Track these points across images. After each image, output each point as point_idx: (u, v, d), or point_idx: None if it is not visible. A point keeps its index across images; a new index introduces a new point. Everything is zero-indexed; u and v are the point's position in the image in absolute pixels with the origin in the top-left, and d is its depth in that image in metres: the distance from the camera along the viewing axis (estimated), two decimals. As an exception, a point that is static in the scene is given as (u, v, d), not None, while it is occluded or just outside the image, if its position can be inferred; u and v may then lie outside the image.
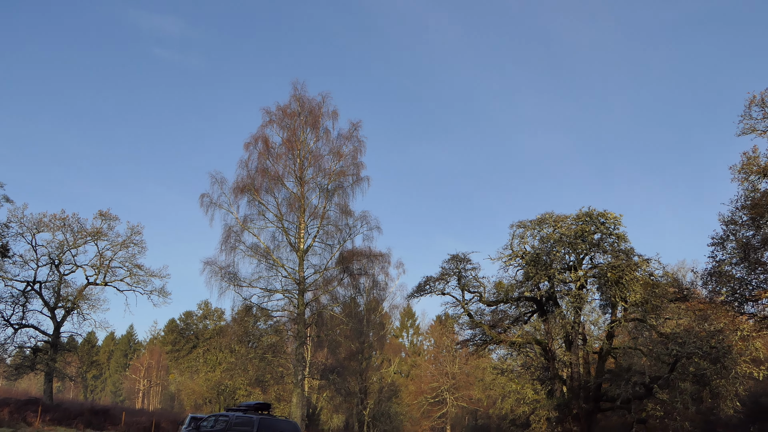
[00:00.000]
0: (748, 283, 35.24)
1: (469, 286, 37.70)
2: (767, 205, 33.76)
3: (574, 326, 35.60)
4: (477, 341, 39.50)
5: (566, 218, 36.01)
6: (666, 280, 36.28)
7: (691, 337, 31.24)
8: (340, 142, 49.63)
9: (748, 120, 37.01)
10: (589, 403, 35.27)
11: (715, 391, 32.81)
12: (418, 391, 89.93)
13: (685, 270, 65.38)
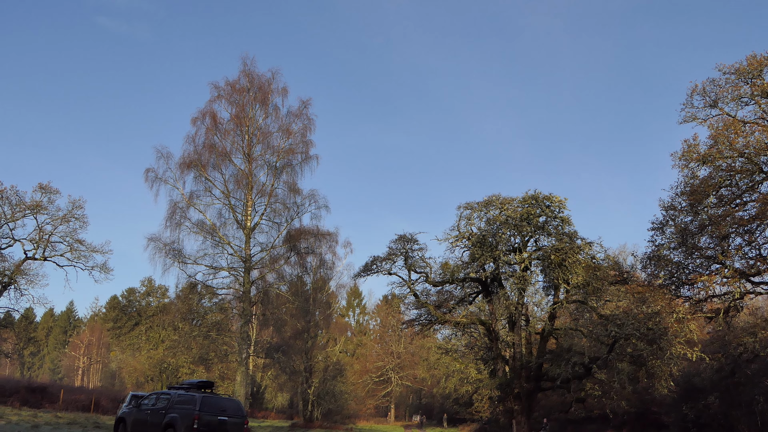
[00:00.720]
0: (685, 267, 36.24)
1: (416, 266, 37.91)
2: (705, 192, 34.70)
3: (518, 307, 36.18)
4: (422, 321, 39.79)
5: (512, 201, 36.44)
6: (607, 263, 37.13)
7: (629, 319, 32.03)
8: (290, 119, 49.12)
9: (689, 109, 37.89)
10: (530, 383, 35.98)
11: (651, 372, 33.80)
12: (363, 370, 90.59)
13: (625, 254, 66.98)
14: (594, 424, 59.01)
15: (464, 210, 37.38)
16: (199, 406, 23.10)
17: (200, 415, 22.87)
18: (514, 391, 35.81)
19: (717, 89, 36.85)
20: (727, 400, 36.18)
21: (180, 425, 22.94)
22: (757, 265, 33.08)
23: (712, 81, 36.99)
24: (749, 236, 34.12)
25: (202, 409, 23.11)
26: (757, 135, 33.84)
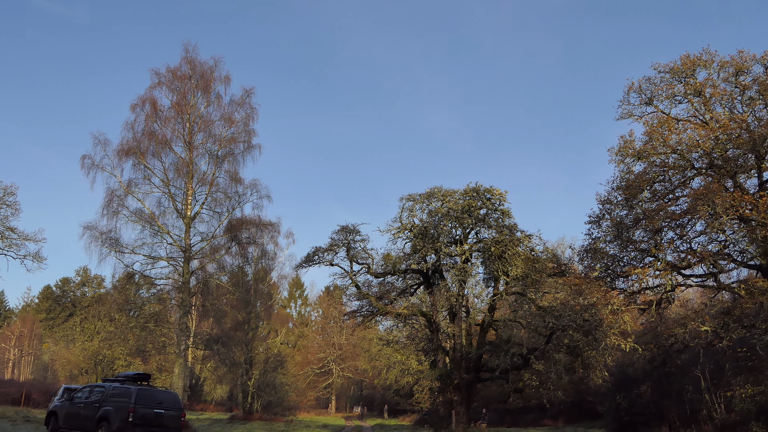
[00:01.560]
0: (620, 260, 37.16)
1: (358, 257, 37.93)
2: (640, 187, 35.63)
3: (459, 299, 36.55)
4: (364, 312, 39.85)
5: (454, 193, 36.74)
6: (546, 255, 37.80)
7: (566, 311, 32.68)
8: (232, 108, 48.53)
9: (626, 106, 38.87)
10: (469, 374, 36.42)
11: (587, 362, 34.59)
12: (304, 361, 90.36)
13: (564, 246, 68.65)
14: (531, 413, 60.20)
15: (407, 202, 37.56)
16: (134, 399, 22.71)
17: (135, 408, 22.49)
18: (454, 382, 36.18)
19: (652, 87, 37.89)
20: (659, 389, 37.29)
21: (114, 418, 22.50)
22: (687, 259, 34.13)
23: (648, 79, 38.01)
24: (681, 230, 35.19)
25: (137, 402, 22.73)
26: (690, 132, 34.90)
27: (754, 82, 35.77)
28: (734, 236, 33.88)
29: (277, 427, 50.80)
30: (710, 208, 31.23)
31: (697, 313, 33.93)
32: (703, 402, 35.40)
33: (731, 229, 33.64)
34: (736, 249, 34.44)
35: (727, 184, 33.78)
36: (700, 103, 36.89)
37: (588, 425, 52.27)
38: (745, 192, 32.83)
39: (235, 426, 47.97)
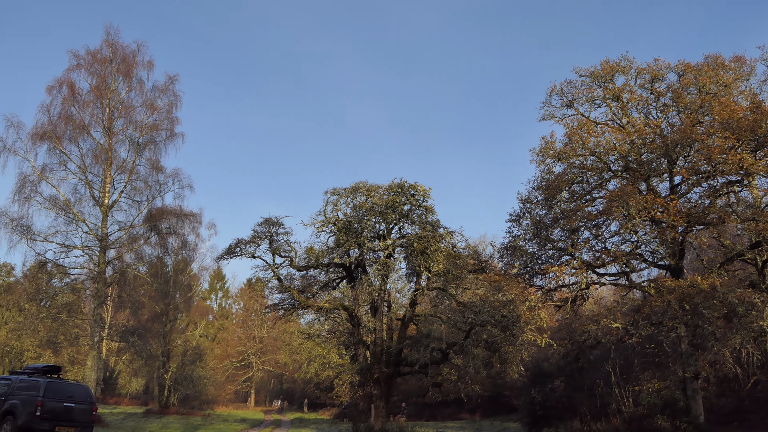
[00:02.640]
0: (538, 258, 38.07)
1: (281, 250, 37.63)
2: (559, 187, 36.60)
3: (381, 293, 36.74)
4: (286, 306, 39.57)
5: (379, 188, 36.87)
6: (467, 252, 38.40)
7: (485, 307, 33.29)
8: (155, 94, 47.33)
9: (548, 107, 39.86)
10: (389, 368, 36.67)
11: (504, 357, 35.33)
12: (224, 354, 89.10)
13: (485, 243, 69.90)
14: (449, 407, 61.17)
15: (331, 195, 37.47)
16: (42, 392, 21.91)
17: (44, 402, 21.70)
18: (374, 376, 36.35)
19: (573, 90, 38.98)
20: (572, 383, 38.46)
21: (20, 412, 21.65)
22: (602, 258, 35.28)
23: (569, 82, 39.09)
24: (596, 230, 36.33)
25: (46, 395, 21.94)
26: (607, 136, 36.06)
27: (668, 89, 37.27)
28: (646, 237, 35.20)
29: (194, 421, 49.99)
30: (624, 209, 32.34)
31: (610, 311, 35.09)
32: (612, 396, 36.73)
33: (643, 231, 34.93)
34: (647, 249, 35.81)
35: (640, 186, 35.07)
36: (618, 108, 38.17)
37: (504, 419, 53.51)
38: (657, 195, 34.15)
39: (150, 420, 46.94)
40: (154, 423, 44.28)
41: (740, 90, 41.73)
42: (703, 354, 31.33)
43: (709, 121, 34.49)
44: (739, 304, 29.31)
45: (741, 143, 31.78)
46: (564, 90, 39.14)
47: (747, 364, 37.63)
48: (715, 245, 38.90)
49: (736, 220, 32.78)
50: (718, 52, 44.95)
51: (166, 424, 44.24)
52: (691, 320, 29.75)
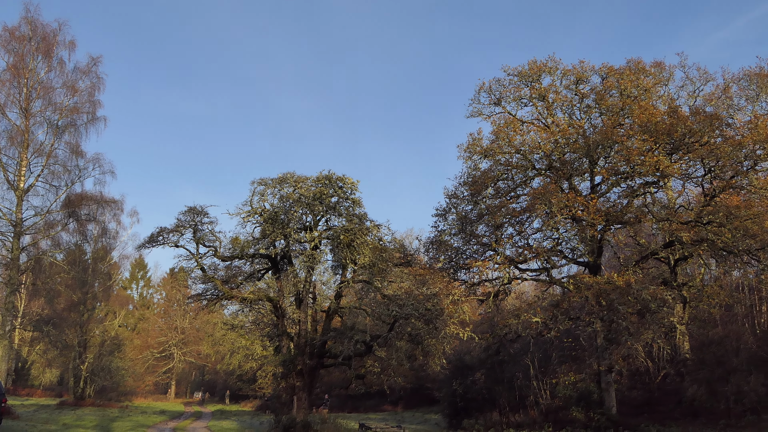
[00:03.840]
0: (462, 253, 38.65)
1: (205, 239, 36.94)
2: (485, 183, 37.22)
3: (306, 285, 36.57)
4: (209, 296, 38.87)
5: (307, 179, 36.62)
6: (394, 245, 38.59)
7: (410, 300, 33.55)
8: (76, 75, 45.79)
9: (476, 104, 40.48)
10: (313, 360, 36.57)
11: (427, 350, 35.70)
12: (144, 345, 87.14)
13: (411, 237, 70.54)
14: (372, 399, 61.63)
15: (258, 185, 36.98)
16: (-55, 383, 20.96)
17: (-53, 393, 20.77)
18: (297, 368, 36.17)
19: (501, 89, 39.69)
20: (492, 376, 39.26)
21: None
22: (524, 254, 36.10)
23: (497, 80, 39.77)
24: (519, 227, 37.16)
25: (-51, 386, 21.00)
26: (533, 134, 36.87)
27: (591, 91, 38.38)
28: (566, 234, 36.23)
29: (111, 413, 48.75)
30: (547, 207, 33.17)
31: (530, 305, 35.97)
32: (531, 388, 37.71)
33: (564, 228, 35.93)
34: (567, 246, 36.85)
35: (563, 185, 36.02)
36: (544, 107, 39.07)
37: (426, 410, 54.28)
38: (578, 194, 35.15)
39: (64, 412, 45.47)
40: (69, 415, 42.92)
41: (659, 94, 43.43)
42: (617, 348, 32.49)
43: (629, 123, 35.70)
44: (652, 300, 30.51)
45: (658, 146, 33.01)
46: (492, 88, 39.81)
47: (658, 358, 39.28)
48: (632, 244, 40.39)
49: (651, 220, 34.05)
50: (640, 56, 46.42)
51: (80, 416, 42.95)
52: (607, 315, 30.78)
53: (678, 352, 38.73)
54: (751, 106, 45.77)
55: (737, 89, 46.49)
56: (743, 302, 40.96)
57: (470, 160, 38.97)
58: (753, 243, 31.29)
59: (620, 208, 34.50)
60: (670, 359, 39.20)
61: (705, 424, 31.18)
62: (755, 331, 37.33)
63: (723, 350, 32.59)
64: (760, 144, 32.95)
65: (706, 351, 34.05)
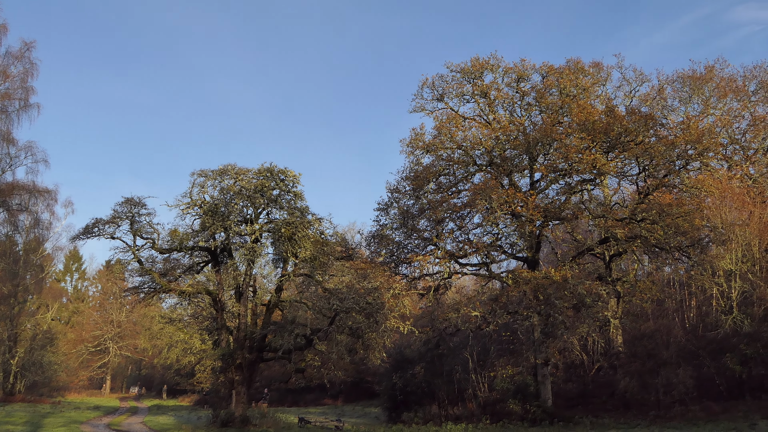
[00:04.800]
0: (404, 247, 38.90)
1: (142, 231, 36.15)
2: (427, 178, 37.52)
3: (246, 278, 36.23)
4: (146, 289, 38.09)
5: (248, 171, 36.23)
6: (335, 239, 38.57)
7: (351, 294, 33.58)
8: (8, 60, 44.25)
9: (419, 100, 40.76)
10: (253, 353, 36.26)
11: (367, 343, 35.81)
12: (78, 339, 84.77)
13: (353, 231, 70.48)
14: (312, 393, 61.48)
15: (198, 177, 36.40)
16: None
17: None
18: (236, 362, 35.81)
19: (444, 85, 40.03)
20: (432, 369, 39.57)
21: None
22: (464, 248, 36.55)
23: (440, 76, 40.10)
24: (460, 222, 37.59)
25: None
26: (474, 131, 37.33)
27: (532, 89, 39.05)
28: (506, 230, 36.84)
29: (42, 409, 47.39)
30: (487, 202, 33.65)
31: (470, 300, 36.46)
32: (469, 381, 38.16)
33: (504, 223, 36.51)
34: (507, 242, 37.48)
35: (503, 181, 36.58)
36: (485, 104, 39.56)
37: (366, 404, 54.39)
38: (518, 190, 35.73)
39: (-8, 408, 44.02)
40: (-4, 412, 41.57)
41: (597, 94, 44.52)
42: (553, 342, 33.21)
43: (568, 121, 36.49)
44: (587, 295, 31.32)
45: (595, 144, 33.83)
46: (435, 84, 40.11)
47: (592, 351, 40.25)
48: (569, 240, 41.33)
49: (588, 217, 34.91)
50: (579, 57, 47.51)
51: (10, 412, 41.62)
52: (544, 310, 31.44)
53: (611, 346, 39.78)
54: (684, 107, 47.35)
55: (671, 91, 48.06)
56: (674, 297, 42.29)
57: (412, 155, 39.24)
58: (684, 240, 32.43)
59: (558, 204, 35.25)
60: (603, 352, 40.22)
61: (636, 415, 32.14)
62: (685, 325, 38.59)
63: (654, 344, 33.61)
64: (691, 144, 34.13)
65: (638, 344, 35.07)
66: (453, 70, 39.77)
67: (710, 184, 34.41)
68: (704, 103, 46.63)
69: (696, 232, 33.32)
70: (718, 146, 40.23)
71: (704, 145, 34.59)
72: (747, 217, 35.38)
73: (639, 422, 30.11)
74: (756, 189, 40.07)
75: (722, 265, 34.14)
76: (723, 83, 46.52)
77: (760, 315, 32.47)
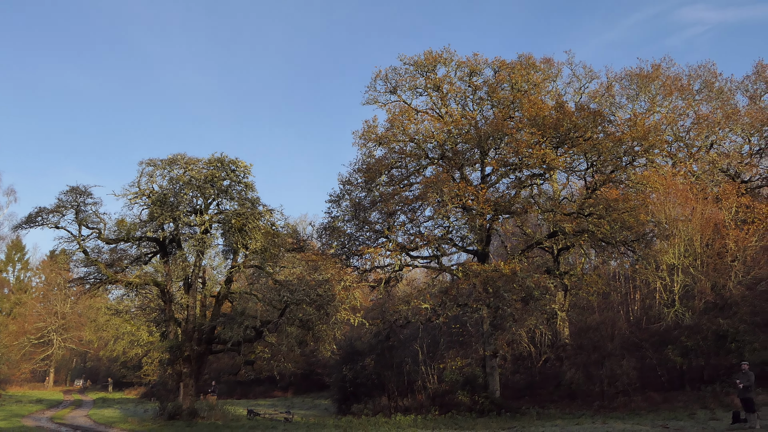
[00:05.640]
0: (355, 239, 38.90)
1: (88, 221, 35.31)
2: (379, 171, 37.54)
3: (195, 269, 35.75)
4: (92, 280, 37.27)
5: (198, 161, 35.69)
6: (286, 230, 38.27)
7: (301, 286, 33.42)
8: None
9: (373, 92, 40.74)
10: (201, 345, 35.84)
11: (318, 335, 35.72)
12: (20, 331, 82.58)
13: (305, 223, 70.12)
14: (262, 385, 61.17)
15: (147, 166, 35.68)
16: None
17: None
18: (184, 354, 35.34)
19: (397, 77, 40.08)
20: (382, 361, 39.75)
21: None
22: (416, 241, 36.72)
23: (394, 69, 40.13)
24: (412, 214, 37.77)
25: None
26: (426, 124, 37.49)
27: (484, 83, 39.36)
28: (457, 223, 37.12)
29: (-18, 402, 46.09)
30: (439, 195, 33.85)
31: (420, 292, 36.67)
32: (419, 373, 38.46)
33: (455, 217, 36.80)
34: (457, 235, 37.77)
35: (455, 174, 36.84)
36: (438, 98, 39.75)
37: (316, 396, 54.38)
38: (469, 183, 36.06)
39: (-72, 402, 42.60)
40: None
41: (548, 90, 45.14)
42: (502, 334, 33.70)
43: (519, 116, 36.91)
44: (536, 288, 31.79)
45: (545, 139, 34.31)
46: (389, 76, 40.13)
47: (540, 343, 40.95)
48: (518, 233, 41.88)
49: (537, 211, 35.40)
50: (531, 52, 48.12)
51: (-55, 407, 40.39)
52: (493, 302, 31.81)
53: (558, 338, 40.52)
54: (632, 104, 48.37)
55: (619, 88, 49.04)
56: (619, 290, 43.28)
57: (365, 147, 39.23)
58: (629, 234, 33.15)
59: (508, 198, 35.65)
60: (551, 344, 40.94)
61: (581, 405, 32.82)
62: (629, 317, 39.55)
63: (599, 336, 34.36)
64: (638, 141, 34.89)
65: (584, 336, 35.81)
66: (406, 63, 39.85)
67: (655, 180, 35.20)
68: (651, 100, 47.72)
69: (641, 227, 34.10)
70: (664, 143, 41.21)
71: (650, 142, 35.38)
72: (690, 213, 36.36)
73: (584, 412, 30.76)
74: (698, 186, 41.18)
75: (665, 259, 35.04)
76: (669, 82, 47.67)
77: (701, 308, 33.45)
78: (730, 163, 45.70)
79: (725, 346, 31.15)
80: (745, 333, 30.81)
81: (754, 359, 28.79)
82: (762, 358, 29.64)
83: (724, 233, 35.59)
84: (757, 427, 21.07)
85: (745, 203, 38.23)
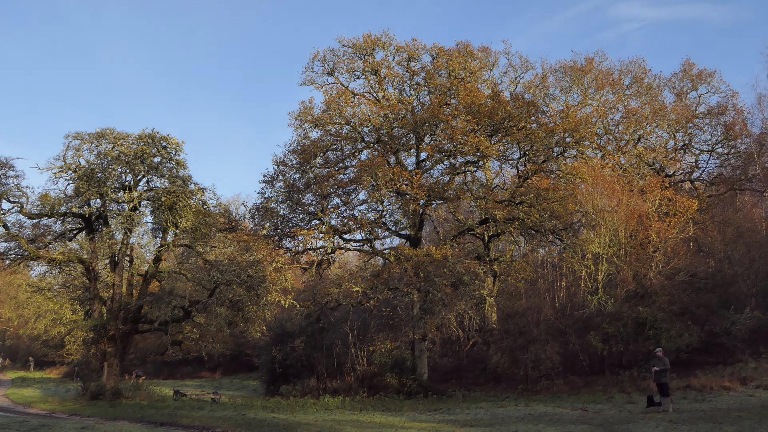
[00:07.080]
0: (289, 221, 38.67)
1: (9, 194, 33.97)
2: (314, 153, 37.36)
3: (123, 247, 34.94)
4: (12, 256, 35.99)
5: (128, 137, 34.74)
6: (218, 210, 37.75)
7: (232, 266, 33.09)
8: None
9: (310, 73, 40.44)
10: (126, 325, 35.13)
11: (247, 316, 35.49)
12: (-66, 307, 79.27)
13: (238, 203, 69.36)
14: (190, 365, 60.38)
15: (73, 140, 34.55)
16: None
17: None
18: (109, 333, 34.58)
19: (336, 59, 39.88)
20: (312, 343, 39.76)
21: None
22: (349, 224, 36.77)
23: (332, 51, 39.90)
24: (346, 197, 37.76)
25: None
26: (363, 107, 37.45)
27: (422, 69, 39.55)
28: (391, 207, 37.34)
29: None
30: (373, 179, 33.95)
31: (352, 275, 36.79)
32: (349, 355, 38.64)
33: (389, 201, 36.99)
34: (391, 219, 38.02)
35: (390, 159, 36.97)
36: (376, 81, 39.75)
37: (244, 377, 54.04)
38: (404, 168, 36.24)
39: None
40: None
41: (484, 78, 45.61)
42: (431, 318, 34.12)
43: (455, 104, 37.25)
44: (466, 273, 32.31)
45: (480, 127, 34.76)
46: (327, 57, 39.89)
47: (468, 328, 41.70)
48: (451, 219, 42.40)
49: (470, 198, 35.92)
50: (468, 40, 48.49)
51: None
52: (424, 287, 32.20)
53: (486, 323, 41.30)
54: (564, 96, 49.38)
55: (553, 80, 50.00)
56: (546, 278, 44.38)
57: (301, 129, 38.96)
58: (558, 223, 34.02)
59: (442, 184, 36.03)
60: (479, 329, 41.73)
61: (506, 388, 33.63)
62: (554, 304, 40.59)
63: (525, 321, 35.20)
64: (569, 132, 35.71)
65: (510, 322, 36.62)
66: (345, 45, 39.68)
67: (584, 171, 36.12)
68: (583, 93, 48.82)
69: (569, 217, 35.02)
70: (594, 136, 42.30)
71: (581, 134, 36.28)
72: (616, 204, 37.46)
73: (508, 395, 31.54)
74: (625, 178, 42.45)
75: (591, 248, 36.07)
76: (601, 76, 48.86)
77: (622, 296, 34.60)
78: (655, 157, 47.27)
79: (644, 333, 32.40)
80: (662, 321, 32.09)
81: (669, 346, 30.08)
82: (677, 345, 30.95)
83: (647, 225, 36.82)
84: (670, 410, 22.00)
85: (668, 196, 39.60)
